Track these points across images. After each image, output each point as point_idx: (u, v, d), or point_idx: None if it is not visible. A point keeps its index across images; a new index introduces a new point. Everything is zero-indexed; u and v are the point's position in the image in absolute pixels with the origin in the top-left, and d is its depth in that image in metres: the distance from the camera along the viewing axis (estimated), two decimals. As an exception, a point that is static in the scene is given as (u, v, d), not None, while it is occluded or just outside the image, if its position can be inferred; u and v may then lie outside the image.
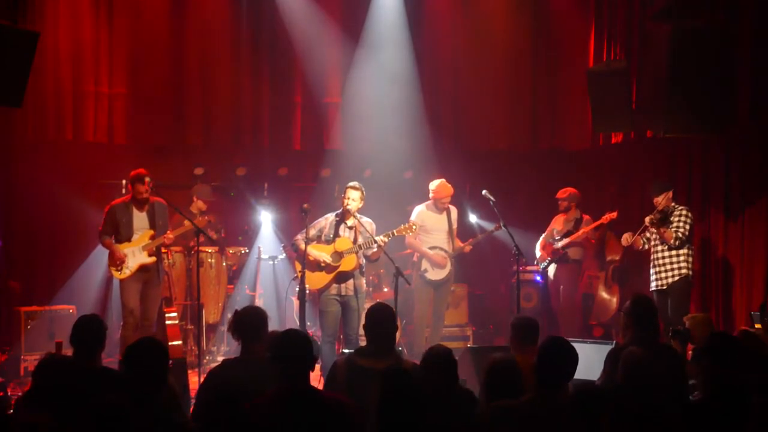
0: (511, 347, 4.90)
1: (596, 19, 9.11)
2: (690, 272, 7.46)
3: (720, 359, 3.94)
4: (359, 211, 6.90)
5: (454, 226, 7.92)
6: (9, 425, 3.57)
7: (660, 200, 7.53)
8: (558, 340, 3.73)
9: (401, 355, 6.02)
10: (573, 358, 3.61)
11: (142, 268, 7.18)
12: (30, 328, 7.55)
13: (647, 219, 7.52)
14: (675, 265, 7.41)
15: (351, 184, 6.92)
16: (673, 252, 7.41)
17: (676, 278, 7.40)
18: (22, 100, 6.93)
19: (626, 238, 7.73)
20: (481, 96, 9.87)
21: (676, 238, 7.36)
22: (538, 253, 8.70)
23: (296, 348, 3.58)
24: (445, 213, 7.87)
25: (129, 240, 7.18)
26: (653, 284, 7.54)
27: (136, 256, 7.16)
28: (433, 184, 7.86)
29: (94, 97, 8.59)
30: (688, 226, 7.41)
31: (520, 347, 4.80)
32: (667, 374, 4.32)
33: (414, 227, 7.12)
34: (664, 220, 7.48)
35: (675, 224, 7.42)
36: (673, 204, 7.53)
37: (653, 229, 7.48)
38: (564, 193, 8.65)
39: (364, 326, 4.43)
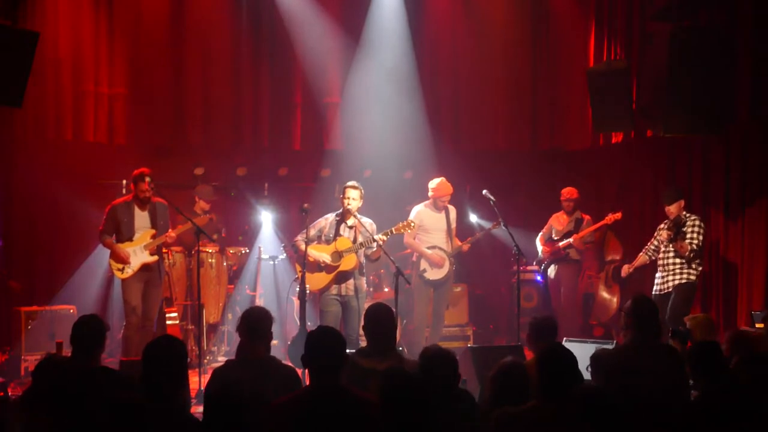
0: (528, 345, 4.98)
1: (596, 19, 9.11)
2: (696, 279, 7.44)
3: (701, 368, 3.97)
4: (359, 210, 6.91)
5: (453, 225, 7.92)
6: (8, 425, 3.57)
7: (672, 209, 7.47)
8: (556, 348, 3.71)
9: (402, 354, 6.03)
10: (572, 365, 3.59)
11: (144, 268, 7.18)
12: (30, 328, 7.54)
13: (665, 234, 7.45)
14: (684, 272, 7.36)
15: (350, 183, 6.94)
16: (684, 258, 7.38)
17: (684, 281, 7.36)
18: (22, 100, 6.93)
19: (625, 270, 7.87)
20: (481, 96, 9.88)
21: (691, 251, 7.30)
22: (539, 247, 8.69)
23: (333, 347, 3.57)
24: (443, 212, 7.87)
25: (130, 239, 7.18)
26: (657, 287, 7.50)
27: (137, 255, 7.16)
28: (433, 183, 7.86)
29: (94, 97, 8.58)
30: (701, 237, 7.35)
31: (536, 346, 4.88)
32: (667, 374, 4.33)
33: (412, 225, 7.12)
34: (677, 230, 7.42)
35: (689, 235, 7.35)
36: (684, 213, 7.49)
37: (666, 242, 7.43)
38: (572, 194, 8.59)
39: (363, 327, 4.42)
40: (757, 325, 6.72)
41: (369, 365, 4.11)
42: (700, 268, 7.46)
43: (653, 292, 7.49)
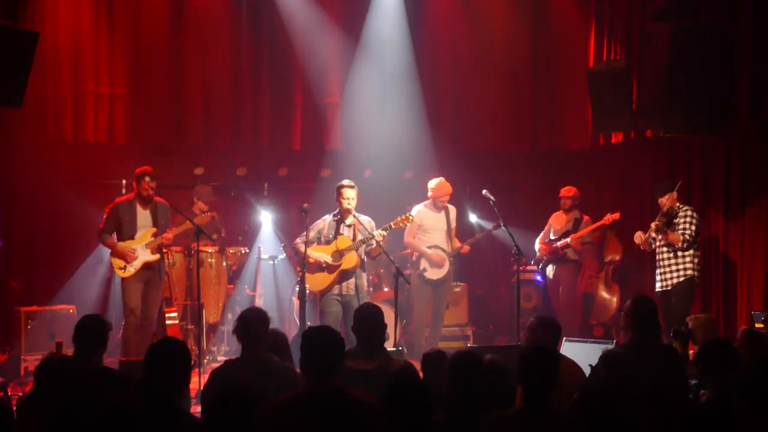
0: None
1: (596, 19, 9.11)
2: (696, 273, 7.42)
3: (712, 366, 3.96)
4: (356, 208, 6.91)
5: (453, 225, 7.92)
6: (11, 426, 3.56)
7: (664, 201, 7.49)
8: (536, 348, 3.70)
9: (401, 354, 6.03)
10: (553, 362, 3.57)
11: (146, 267, 7.17)
12: (30, 328, 7.54)
13: (653, 225, 7.47)
14: (681, 266, 7.37)
15: (346, 183, 6.93)
16: (679, 253, 7.38)
17: (681, 279, 7.36)
18: (22, 100, 6.92)
19: (639, 236, 7.67)
20: (481, 96, 9.87)
21: (683, 240, 7.30)
22: (537, 246, 8.70)
23: (331, 346, 3.56)
24: (443, 212, 7.88)
25: (132, 238, 7.17)
26: (658, 285, 7.51)
27: (139, 254, 7.16)
28: (432, 183, 7.87)
29: (94, 97, 8.57)
30: (693, 227, 7.36)
31: None
32: (668, 375, 4.33)
33: (410, 217, 7.11)
34: (668, 222, 7.43)
35: (681, 226, 7.36)
36: (678, 204, 7.50)
37: (659, 235, 7.44)
38: (569, 191, 8.61)
39: (353, 327, 4.37)
40: (757, 325, 6.73)
41: (357, 366, 4.08)
42: (697, 260, 7.44)
43: (657, 290, 7.49)
